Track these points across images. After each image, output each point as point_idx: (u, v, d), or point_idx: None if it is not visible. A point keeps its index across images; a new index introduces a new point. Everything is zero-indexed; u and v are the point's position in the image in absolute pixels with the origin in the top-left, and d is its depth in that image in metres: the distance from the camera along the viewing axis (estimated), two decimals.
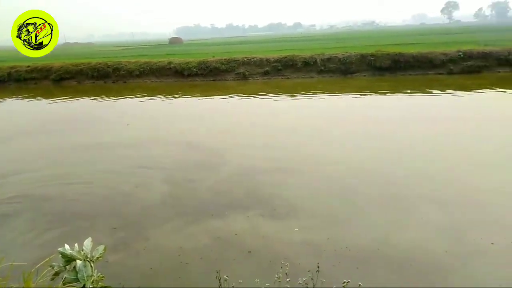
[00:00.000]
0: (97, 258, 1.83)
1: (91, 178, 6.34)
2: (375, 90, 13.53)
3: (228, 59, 18.22)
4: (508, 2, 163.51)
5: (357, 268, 3.58)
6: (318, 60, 17.18)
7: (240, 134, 8.88)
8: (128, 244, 4.25)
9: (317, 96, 13.15)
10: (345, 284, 2.38)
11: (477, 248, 3.83)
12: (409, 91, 12.94)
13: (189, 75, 18.00)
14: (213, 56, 19.43)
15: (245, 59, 18.05)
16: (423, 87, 13.56)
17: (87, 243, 1.85)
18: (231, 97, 13.79)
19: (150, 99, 14.14)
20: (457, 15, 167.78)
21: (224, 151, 7.39)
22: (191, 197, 5.47)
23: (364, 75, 16.48)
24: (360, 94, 13.15)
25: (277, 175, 6.06)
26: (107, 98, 14.82)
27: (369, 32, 55.96)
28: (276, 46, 28.07)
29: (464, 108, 10.59)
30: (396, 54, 16.49)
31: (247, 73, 17.60)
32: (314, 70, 17.17)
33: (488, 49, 16.19)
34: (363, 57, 16.83)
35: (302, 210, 4.82)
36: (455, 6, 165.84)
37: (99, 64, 19.26)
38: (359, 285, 2.34)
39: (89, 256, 1.80)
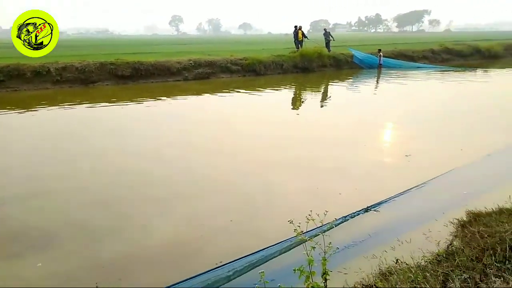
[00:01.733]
0: None
1: None
2: (123, 99, 13.49)
3: None
4: (220, 19, 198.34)
5: (120, 279, 3.58)
6: (52, 69, 15.34)
7: None
8: None
9: (63, 109, 11.85)
10: None
11: (216, 228, 4.53)
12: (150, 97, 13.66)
13: None
14: None
15: None
16: (166, 93, 14.59)
17: None
18: None
19: None
20: (183, 28, 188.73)
21: None
22: None
23: (107, 84, 16.08)
24: (109, 103, 12.79)
25: (29, 203, 5.17)
26: None
27: (104, 41, 54.33)
28: None
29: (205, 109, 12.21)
30: (135, 63, 16.91)
31: None
32: (48, 80, 15.23)
33: (211, 58, 19.13)
34: (103, 65, 16.33)
35: (52, 239, 4.31)
36: (180, 19, 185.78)
37: None
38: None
39: None
